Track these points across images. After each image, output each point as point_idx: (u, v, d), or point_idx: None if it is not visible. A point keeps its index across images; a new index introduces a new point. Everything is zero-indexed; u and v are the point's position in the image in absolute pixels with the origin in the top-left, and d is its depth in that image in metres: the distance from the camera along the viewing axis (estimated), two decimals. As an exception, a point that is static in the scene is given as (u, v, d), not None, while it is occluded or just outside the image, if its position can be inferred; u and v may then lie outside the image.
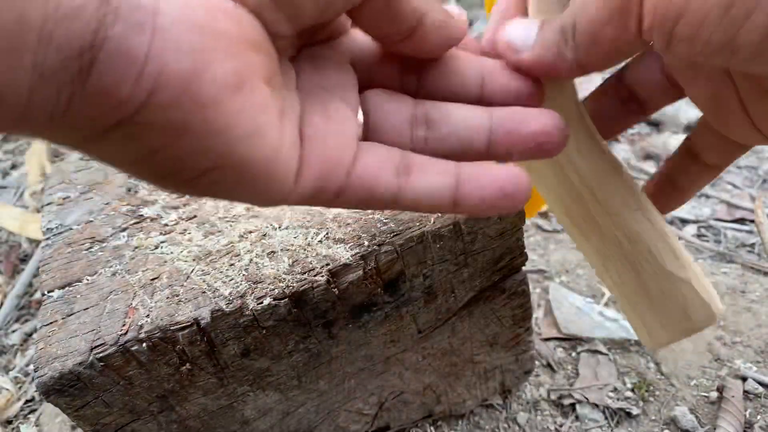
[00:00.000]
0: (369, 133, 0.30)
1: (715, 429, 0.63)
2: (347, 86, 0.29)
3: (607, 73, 0.40)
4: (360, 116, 0.29)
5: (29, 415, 0.72)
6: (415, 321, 0.51)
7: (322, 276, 0.44)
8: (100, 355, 0.41)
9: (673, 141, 1.14)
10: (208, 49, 0.22)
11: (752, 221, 0.93)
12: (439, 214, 0.46)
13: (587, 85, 1.29)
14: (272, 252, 0.46)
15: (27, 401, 0.74)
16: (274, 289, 0.44)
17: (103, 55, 0.20)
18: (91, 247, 0.50)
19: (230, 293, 0.44)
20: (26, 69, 0.19)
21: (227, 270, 0.45)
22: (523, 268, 0.53)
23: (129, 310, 0.44)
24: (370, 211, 0.48)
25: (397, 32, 0.27)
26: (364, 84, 0.30)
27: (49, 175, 0.61)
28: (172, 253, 0.48)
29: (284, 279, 0.44)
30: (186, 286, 0.45)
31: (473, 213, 0.29)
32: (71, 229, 0.52)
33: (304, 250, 0.46)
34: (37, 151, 1.22)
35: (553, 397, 0.68)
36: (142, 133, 0.22)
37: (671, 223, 0.93)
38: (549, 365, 0.71)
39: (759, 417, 0.64)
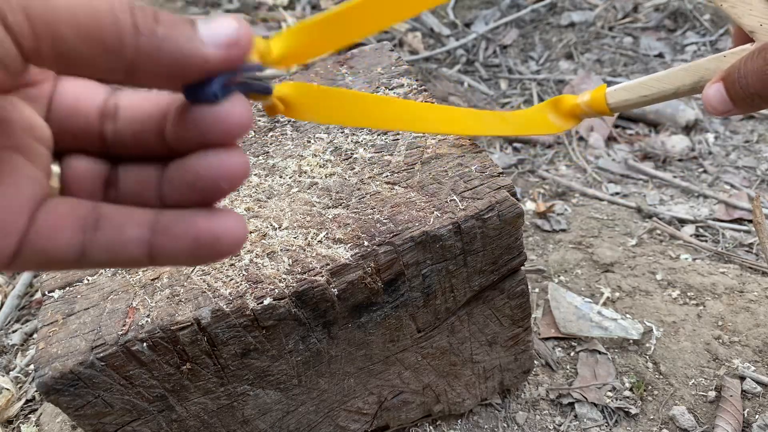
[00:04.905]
0: (65, 189, 0.27)
1: (713, 428, 0.63)
2: (33, 141, 0.25)
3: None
4: (55, 174, 0.26)
5: (30, 415, 0.72)
6: (414, 321, 0.52)
7: (322, 276, 0.44)
8: (101, 354, 0.41)
9: (672, 141, 1.14)
10: None
11: (750, 221, 0.93)
12: (439, 214, 0.47)
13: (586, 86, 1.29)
14: (272, 252, 0.46)
15: (27, 401, 0.74)
16: (274, 289, 0.44)
17: None
18: (91, 248, 0.50)
19: (230, 293, 0.44)
20: None
21: (227, 270, 0.46)
22: (522, 268, 0.53)
23: (129, 310, 0.44)
24: (369, 211, 0.48)
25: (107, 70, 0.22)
26: (64, 136, 0.27)
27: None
28: (172, 253, 0.48)
29: (284, 279, 0.44)
30: (186, 286, 0.45)
31: (174, 264, 0.26)
32: (72, 229, 0.52)
33: (304, 250, 0.46)
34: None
35: (551, 396, 0.68)
36: None
37: (669, 223, 0.94)
38: (548, 365, 0.71)
39: (757, 416, 0.65)
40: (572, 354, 0.72)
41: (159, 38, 0.22)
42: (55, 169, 0.26)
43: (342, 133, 0.56)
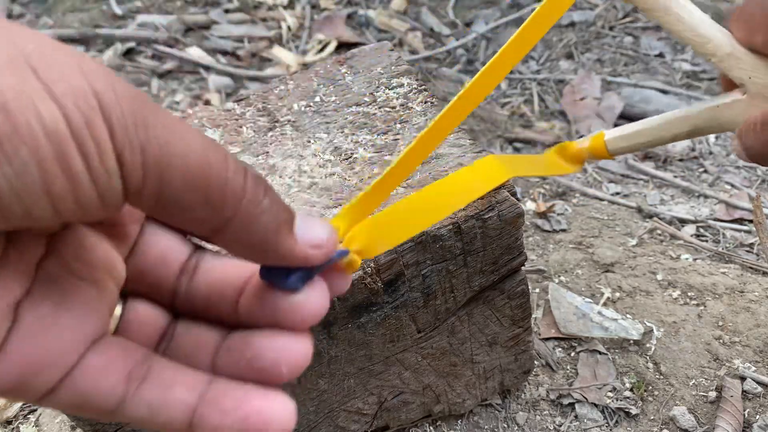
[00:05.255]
0: (120, 330, 0.26)
1: (713, 429, 0.63)
2: (108, 279, 0.24)
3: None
4: (116, 314, 0.25)
5: (29, 416, 0.72)
6: (414, 321, 0.51)
7: (322, 276, 0.44)
8: (100, 355, 0.41)
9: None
10: None
11: (751, 221, 0.93)
12: (438, 215, 0.46)
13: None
14: (272, 252, 0.46)
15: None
16: (273, 290, 0.44)
17: None
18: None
19: (230, 293, 0.44)
20: None
21: (227, 270, 0.45)
22: (522, 268, 0.53)
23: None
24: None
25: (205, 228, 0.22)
26: (137, 282, 0.26)
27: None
28: (171, 253, 0.48)
29: (284, 279, 0.44)
30: (185, 287, 0.45)
31: None
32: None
33: (304, 250, 0.46)
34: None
35: (552, 396, 0.68)
36: None
37: (670, 223, 0.94)
38: (548, 365, 0.71)
39: (758, 416, 0.64)
40: (572, 354, 0.72)
41: (260, 209, 0.21)
42: (117, 309, 0.25)
43: (342, 133, 0.56)
